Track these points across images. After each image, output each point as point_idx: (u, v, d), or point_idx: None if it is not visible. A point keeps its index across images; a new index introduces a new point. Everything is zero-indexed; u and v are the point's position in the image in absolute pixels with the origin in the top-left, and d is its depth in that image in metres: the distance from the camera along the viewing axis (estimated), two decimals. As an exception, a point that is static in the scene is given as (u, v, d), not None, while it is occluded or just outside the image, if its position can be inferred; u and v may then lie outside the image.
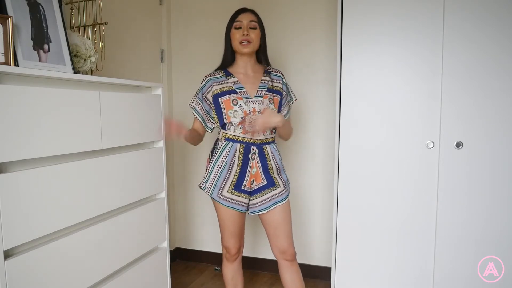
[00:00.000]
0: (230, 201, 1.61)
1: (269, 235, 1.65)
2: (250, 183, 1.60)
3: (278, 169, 1.62)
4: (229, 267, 1.75)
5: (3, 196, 0.97)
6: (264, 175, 1.60)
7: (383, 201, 1.86)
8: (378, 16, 1.79)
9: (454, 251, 1.78)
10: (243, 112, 1.56)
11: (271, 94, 1.60)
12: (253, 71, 1.64)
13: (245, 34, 1.55)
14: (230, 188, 1.60)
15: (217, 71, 1.66)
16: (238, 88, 1.59)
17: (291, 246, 1.63)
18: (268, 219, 1.61)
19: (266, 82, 1.62)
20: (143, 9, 2.33)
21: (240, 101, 1.56)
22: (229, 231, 1.66)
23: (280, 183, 1.61)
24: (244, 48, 1.56)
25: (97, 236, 1.29)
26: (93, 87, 1.32)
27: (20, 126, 1.01)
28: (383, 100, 1.83)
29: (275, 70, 1.69)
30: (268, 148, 1.61)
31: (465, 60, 1.69)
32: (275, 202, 1.59)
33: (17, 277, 1.01)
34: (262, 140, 1.59)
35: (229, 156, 1.59)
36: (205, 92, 1.64)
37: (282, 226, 1.60)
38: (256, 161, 1.59)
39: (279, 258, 1.65)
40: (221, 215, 1.65)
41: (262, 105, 1.57)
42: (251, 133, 1.55)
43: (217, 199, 1.61)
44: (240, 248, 1.74)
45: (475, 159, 1.71)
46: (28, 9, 1.25)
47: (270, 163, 1.60)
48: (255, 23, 1.59)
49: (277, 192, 1.60)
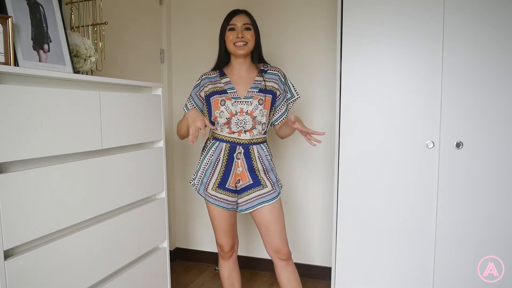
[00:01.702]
0: (215, 198, 1.63)
1: (262, 235, 1.66)
2: (235, 182, 1.61)
3: (265, 169, 1.62)
4: (224, 265, 1.78)
5: (3, 196, 0.97)
6: (250, 174, 1.60)
7: (383, 201, 1.86)
8: (378, 16, 1.79)
9: (454, 251, 1.78)
10: (229, 113, 1.57)
11: (263, 95, 1.60)
12: (247, 71, 1.64)
13: (240, 37, 1.56)
14: (215, 186, 1.62)
15: (213, 70, 1.68)
16: (229, 88, 1.60)
17: (284, 245, 1.63)
18: (258, 218, 1.63)
19: (259, 82, 1.62)
20: (143, 9, 2.33)
21: (228, 102, 1.57)
22: (220, 228, 1.69)
23: (268, 183, 1.61)
24: (239, 50, 1.57)
25: (97, 236, 1.29)
26: (93, 87, 1.32)
27: (20, 126, 1.01)
28: (383, 100, 1.83)
29: (273, 68, 1.68)
30: (255, 148, 1.61)
31: (465, 60, 1.69)
32: (261, 202, 1.60)
33: (17, 277, 1.01)
34: (248, 140, 1.60)
35: (214, 155, 1.62)
36: (198, 90, 1.68)
37: (273, 225, 1.61)
38: (241, 160, 1.60)
39: (273, 258, 1.66)
40: (210, 213, 1.69)
41: (251, 106, 1.57)
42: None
43: (203, 195, 1.66)
44: (234, 245, 1.76)
45: (475, 159, 1.71)
46: (28, 9, 1.25)
47: (255, 163, 1.61)
48: (249, 25, 1.59)
49: (264, 192, 1.60)
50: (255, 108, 1.57)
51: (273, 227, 1.61)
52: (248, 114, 1.57)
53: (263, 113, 1.59)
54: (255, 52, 1.64)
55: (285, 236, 1.65)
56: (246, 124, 1.58)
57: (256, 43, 1.62)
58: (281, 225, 1.63)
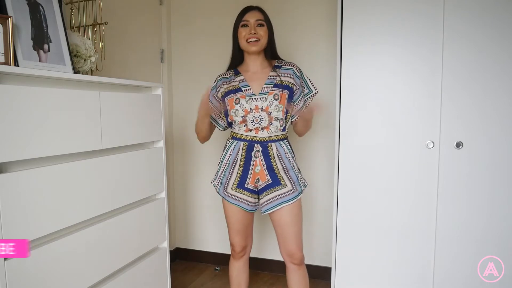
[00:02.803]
0: (234, 198, 1.61)
1: (277, 236, 1.64)
2: (255, 181, 1.59)
3: (285, 168, 1.58)
4: (234, 264, 1.76)
5: (3, 196, 0.97)
6: (269, 173, 1.57)
7: (383, 201, 1.86)
8: (378, 16, 1.79)
9: (454, 251, 1.78)
10: (243, 110, 1.55)
11: (279, 90, 1.57)
12: (261, 67, 1.62)
13: (253, 33, 1.54)
14: (234, 185, 1.60)
15: (228, 71, 1.67)
16: (244, 86, 1.59)
17: (299, 250, 1.61)
18: (275, 219, 1.60)
19: (273, 77, 1.59)
20: (143, 9, 2.33)
21: (242, 100, 1.56)
22: (234, 228, 1.67)
23: (287, 183, 1.57)
24: (252, 46, 1.55)
25: (97, 236, 1.29)
26: (93, 87, 1.32)
27: (20, 126, 1.01)
28: (383, 100, 1.82)
29: (288, 63, 1.65)
30: (274, 146, 1.58)
31: (465, 60, 1.69)
32: (281, 202, 1.56)
33: (17, 277, 1.01)
34: (266, 138, 1.57)
35: (233, 154, 1.60)
36: (215, 92, 1.66)
37: (289, 227, 1.58)
38: (260, 159, 1.57)
39: (286, 261, 1.64)
40: (226, 212, 1.66)
41: (266, 102, 1.55)
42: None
43: (223, 195, 1.64)
44: (246, 247, 1.73)
45: (475, 159, 1.71)
46: (28, 9, 1.25)
47: (274, 162, 1.57)
48: (262, 21, 1.57)
49: (284, 191, 1.56)
50: (270, 103, 1.55)
51: (290, 230, 1.59)
52: (263, 111, 1.55)
53: (279, 109, 1.55)
54: (269, 48, 1.62)
55: (301, 240, 1.62)
56: (262, 121, 1.55)
57: (269, 39, 1.60)
58: (298, 228, 1.60)
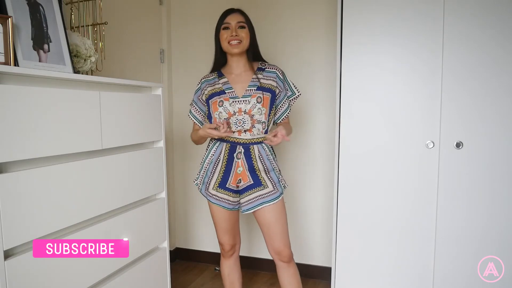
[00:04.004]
0: (216, 198, 1.64)
1: (264, 236, 1.66)
2: (236, 182, 1.61)
3: (266, 169, 1.61)
4: (225, 263, 1.79)
5: (3, 196, 0.97)
6: (250, 174, 1.59)
7: (383, 201, 1.86)
8: (378, 16, 1.79)
9: (454, 251, 1.78)
10: (227, 113, 1.58)
11: (261, 93, 1.59)
12: (245, 70, 1.64)
13: (234, 35, 1.56)
14: (215, 185, 1.63)
15: (212, 72, 1.69)
16: (227, 88, 1.61)
17: (286, 247, 1.62)
18: (259, 219, 1.63)
19: (256, 80, 1.61)
20: (143, 9, 2.33)
21: (225, 102, 1.58)
22: (221, 227, 1.70)
23: (269, 184, 1.60)
24: (234, 48, 1.57)
25: (97, 236, 1.29)
26: (93, 87, 1.32)
27: (20, 126, 1.01)
28: (383, 100, 1.82)
29: (271, 66, 1.66)
30: (256, 148, 1.60)
31: (465, 60, 1.69)
32: (262, 202, 1.59)
33: (17, 277, 1.01)
34: (249, 140, 1.60)
35: (215, 155, 1.63)
36: (200, 95, 1.70)
37: (274, 226, 1.60)
38: (242, 160, 1.59)
39: (275, 259, 1.66)
40: (211, 212, 1.70)
41: (249, 105, 1.57)
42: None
43: (205, 195, 1.67)
44: (235, 245, 1.76)
45: (475, 159, 1.71)
46: (28, 9, 1.25)
47: (256, 163, 1.60)
48: (243, 23, 1.59)
49: (265, 192, 1.59)
50: (253, 106, 1.57)
51: (274, 228, 1.61)
52: (246, 113, 1.57)
53: (262, 112, 1.58)
54: (251, 50, 1.63)
55: (287, 238, 1.64)
56: (245, 123, 1.58)
57: (251, 41, 1.61)
58: (283, 226, 1.62)
